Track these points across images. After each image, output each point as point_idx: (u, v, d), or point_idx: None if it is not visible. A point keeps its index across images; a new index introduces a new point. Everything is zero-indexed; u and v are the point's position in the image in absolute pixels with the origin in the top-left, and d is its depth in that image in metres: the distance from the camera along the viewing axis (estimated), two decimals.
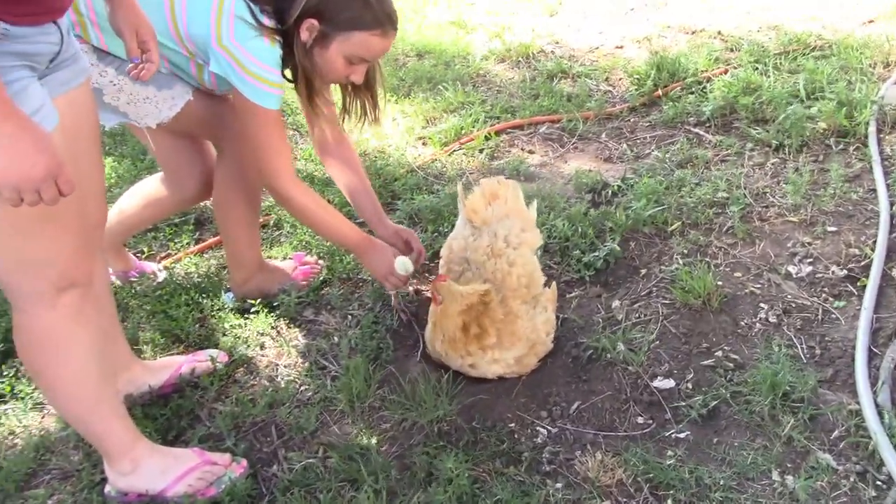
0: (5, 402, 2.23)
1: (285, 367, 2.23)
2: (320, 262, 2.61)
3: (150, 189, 2.41)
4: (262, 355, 2.29)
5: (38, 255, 1.53)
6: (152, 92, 2.04)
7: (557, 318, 2.23)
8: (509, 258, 2.06)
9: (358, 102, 2.17)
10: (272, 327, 2.36)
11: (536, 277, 2.10)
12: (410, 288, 2.31)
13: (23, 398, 2.22)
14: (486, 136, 3.30)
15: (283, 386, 2.16)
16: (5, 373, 2.31)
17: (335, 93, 2.22)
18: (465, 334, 2.02)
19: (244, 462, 1.91)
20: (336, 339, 2.30)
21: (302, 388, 2.16)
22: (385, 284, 2.24)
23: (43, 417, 2.18)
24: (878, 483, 1.72)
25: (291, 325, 2.38)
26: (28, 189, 1.28)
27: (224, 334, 2.35)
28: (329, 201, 2.51)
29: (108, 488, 1.89)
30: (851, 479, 1.73)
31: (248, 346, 2.30)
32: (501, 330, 2.03)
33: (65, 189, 1.33)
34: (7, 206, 1.35)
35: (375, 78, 2.13)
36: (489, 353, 2.04)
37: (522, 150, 3.24)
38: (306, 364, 2.23)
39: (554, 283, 2.21)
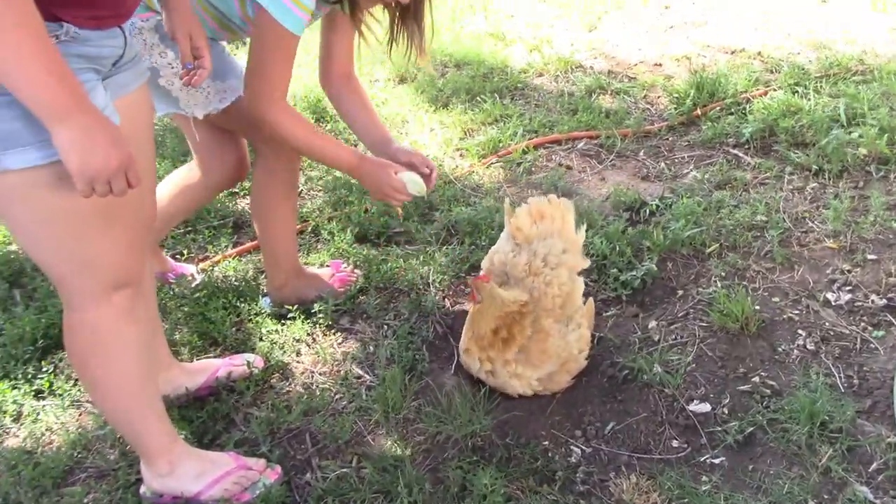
0: (44, 398, 2.27)
1: (321, 374, 2.25)
2: (357, 271, 2.64)
3: (180, 177, 2.44)
4: (298, 362, 2.31)
5: (94, 254, 1.56)
6: (207, 82, 2.06)
7: (593, 336, 2.23)
8: (546, 278, 2.07)
9: (406, 33, 2.10)
10: (308, 334, 2.38)
11: (574, 299, 2.10)
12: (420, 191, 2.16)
13: (61, 395, 2.26)
14: (523, 150, 3.31)
15: (318, 394, 2.18)
16: (45, 369, 2.35)
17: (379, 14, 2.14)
18: (493, 336, 2.04)
19: (278, 469, 1.94)
20: (372, 348, 2.32)
21: (337, 396, 2.18)
22: (389, 201, 2.15)
23: (80, 415, 2.21)
24: None
25: (328, 333, 2.40)
26: (101, 180, 1.34)
27: (261, 339, 2.37)
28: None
29: (143, 489, 1.91)
30: None
31: (285, 351, 2.32)
32: (530, 348, 2.04)
33: (133, 182, 1.39)
34: (68, 205, 1.42)
35: (424, 8, 2.05)
36: (511, 366, 2.05)
37: (560, 164, 3.24)
38: (342, 372, 2.25)
39: (590, 300, 2.22)
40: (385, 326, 2.42)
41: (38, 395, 2.28)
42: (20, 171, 1.36)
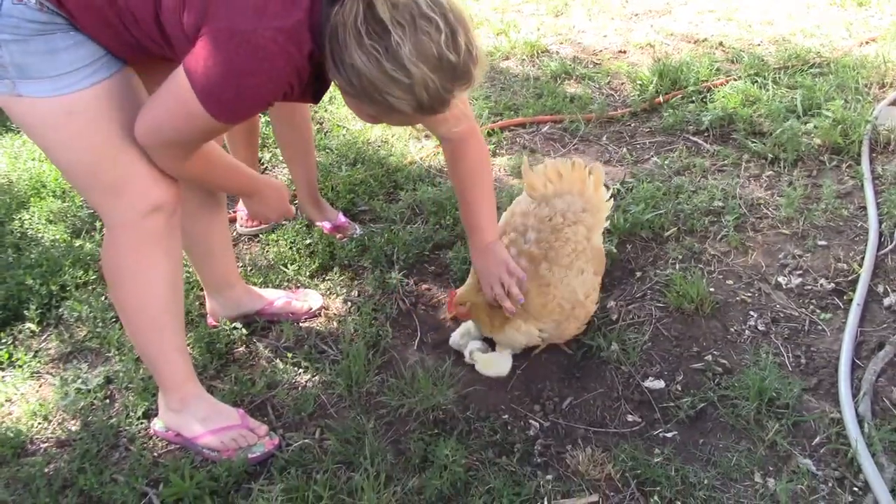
0: (3, 370, 2.26)
1: (285, 349, 2.27)
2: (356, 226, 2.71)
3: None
4: (262, 337, 2.33)
5: (117, 178, 1.65)
6: None
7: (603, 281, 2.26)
8: (565, 234, 2.10)
9: None
10: None
11: (586, 255, 2.13)
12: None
13: (21, 366, 2.25)
14: (489, 132, 3.34)
15: (281, 367, 2.20)
16: (3, 340, 2.33)
17: None
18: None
19: (277, 439, 1.97)
20: (336, 324, 2.35)
21: (300, 370, 2.20)
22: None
23: (41, 386, 2.21)
24: (855, 489, 1.79)
25: None
26: (273, 219, 2.12)
27: None
28: None
29: (155, 421, 2.00)
30: (830, 485, 1.80)
31: (248, 327, 2.33)
32: (530, 301, 2.08)
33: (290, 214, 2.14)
34: (81, 133, 1.57)
35: None
36: (516, 322, 2.10)
37: (525, 147, 3.28)
38: (305, 347, 2.27)
39: (601, 246, 2.22)
40: (349, 303, 2.44)
41: None
42: (34, 99, 1.52)
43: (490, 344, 2.21)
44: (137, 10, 1.49)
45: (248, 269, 2.59)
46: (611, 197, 2.25)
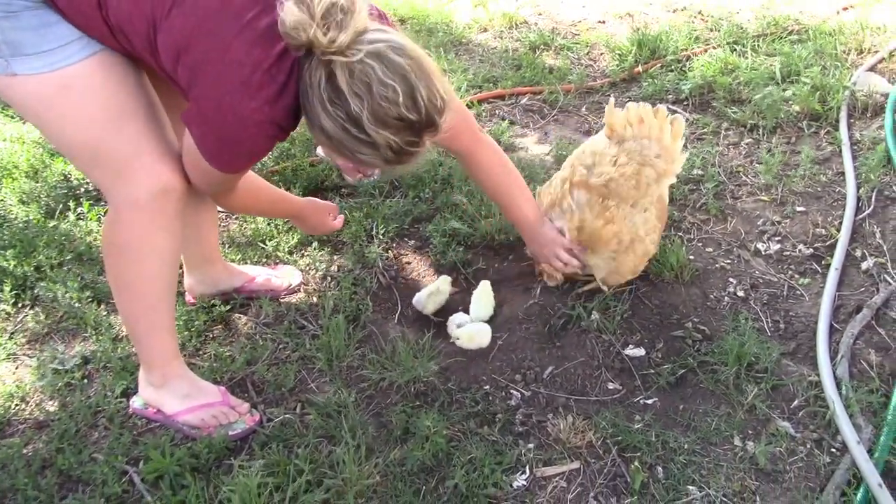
0: None
1: (265, 325, 2.26)
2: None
3: None
4: (241, 313, 2.31)
5: (120, 157, 1.63)
6: None
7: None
8: (629, 171, 2.11)
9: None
10: None
11: (649, 194, 2.15)
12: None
13: None
14: (468, 105, 3.31)
15: (261, 343, 2.18)
16: None
17: None
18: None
19: (258, 416, 1.96)
20: (315, 299, 2.33)
21: (280, 346, 2.19)
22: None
23: (17, 368, 2.18)
24: (833, 450, 1.81)
25: None
26: (318, 234, 2.37)
27: None
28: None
29: (134, 398, 1.99)
30: (808, 446, 1.82)
31: (227, 303, 2.31)
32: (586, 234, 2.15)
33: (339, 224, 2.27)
34: (76, 109, 1.57)
35: None
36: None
37: (504, 119, 3.26)
38: (285, 323, 2.25)
39: (665, 193, 2.23)
40: (329, 278, 2.42)
41: None
42: (28, 76, 1.51)
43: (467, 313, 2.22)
44: (133, 38, 1.52)
45: (227, 245, 2.56)
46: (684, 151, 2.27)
